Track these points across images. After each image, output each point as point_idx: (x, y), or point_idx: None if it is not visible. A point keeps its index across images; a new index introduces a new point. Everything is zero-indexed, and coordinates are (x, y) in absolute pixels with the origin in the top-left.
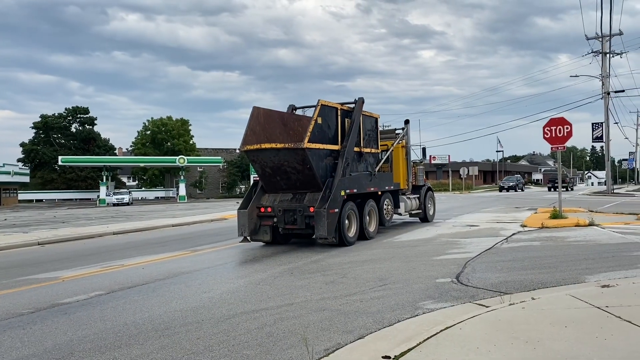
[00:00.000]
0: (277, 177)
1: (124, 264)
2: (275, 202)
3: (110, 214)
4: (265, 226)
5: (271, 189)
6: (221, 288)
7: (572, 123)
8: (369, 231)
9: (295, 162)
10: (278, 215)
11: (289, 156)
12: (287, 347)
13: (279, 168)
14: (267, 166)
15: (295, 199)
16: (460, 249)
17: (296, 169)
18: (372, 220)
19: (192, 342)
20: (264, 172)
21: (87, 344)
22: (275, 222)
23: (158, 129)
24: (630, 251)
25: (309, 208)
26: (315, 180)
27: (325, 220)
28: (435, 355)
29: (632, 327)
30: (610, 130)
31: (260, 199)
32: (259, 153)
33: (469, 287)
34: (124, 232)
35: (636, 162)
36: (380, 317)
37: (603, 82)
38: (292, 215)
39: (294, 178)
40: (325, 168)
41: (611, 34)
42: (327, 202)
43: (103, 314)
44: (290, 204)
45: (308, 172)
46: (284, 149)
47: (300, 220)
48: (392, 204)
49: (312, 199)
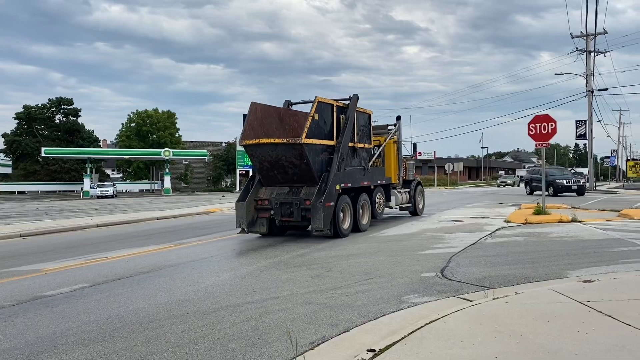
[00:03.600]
0: (275, 171)
1: (108, 256)
2: (272, 195)
3: (95, 207)
4: (262, 218)
5: (268, 183)
6: (206, 281)
7: (556, 120)
8: (362, 224)
9: (292, 157)
10: (275, 207)
11: (286, 151)
12: (272, 340)
13: (276, 162)
14: (265, 160)
15: (291, 192)
16: (445, 244)
17: (293, 163)
18: (365, 213)
19: (176, 335)
20: (262, 166)
21: (70, 336)
22: (272, 214)
23: (143, 121)
24: (611, 247)
25: (305, 201)
26: (311, 174)
27: (322, 213)
28: (419, 349)
29: (613, 321)
30: (593, 128)
31: (257, 192)
32: (258, 148)
33: (453, 282)
34: (108, 224)
35: (618, 160)
36: (366, 310)
37: (587, 80)
38: (289, 208)
39: (291, 172)
40: (321, 163)
41: (596, 32)
42: (323, 196)
43: (87, 306)
44: (287, 197)
45: (305, 166)
46: (282, 144)
47: (296, 213)
48: (384, 197)
49: (308, 192)
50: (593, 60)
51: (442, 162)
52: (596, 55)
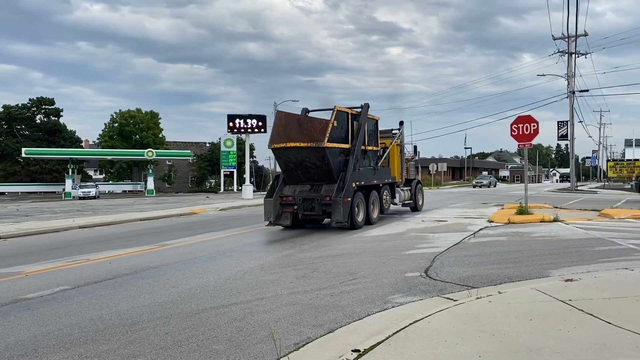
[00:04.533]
0: (299, 171)
1: (90, 258)
2: (296, 192)
3: (77, 208)
4: (287, 212)
5: (292, 181)
6: (190, 283)
7: (538, 121)
8: (373, 217)
9: (315, 159)
10: (298, 203)
11: (310, 153)
12: (256, 341)
13: (301, 163)
14: (291, 161)
15: (313, 189)
16: (429, 244)
17: (315, 164)
18: (375, 208)
19: (160, 337)
20: (287, 167)
21: (51, 339)
22: (295, 209)
23: (126, 122)
24: (592, 246)
25: (326, 197)
26: (331, 174)
27: (341, 208)
28: (404, 349)
29: (594, 319)
30: (574, 129)
31: (282, 189)
32: (284, 151)
33: (437, 281)
34: (90, 226)
35: (599, 160)
36: (350, 311)
37: (568, 81)
38: (311, 203)
39: (312, 172)
40: (339, 163)
41: (577, 34)
42: (343, 192)
43: (68, 309)
44: (308, 194)
45: (326, 167)
46: (306, 147)
47: (317, 208)
48: (390, 195)
49: (328, 189)
50: (574, 62)
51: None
52: (577, 57)
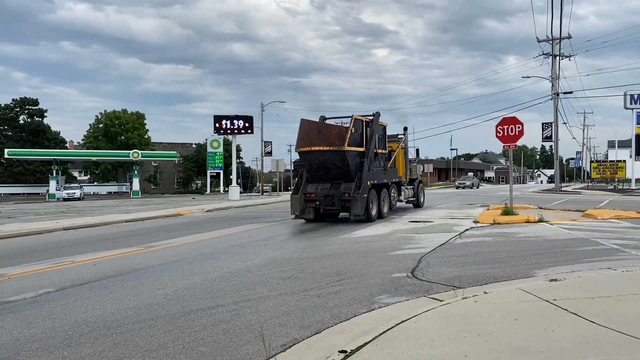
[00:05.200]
0: (321, 171)
1: (74, 260)
2: (318, 190)
3: (61, 209)
4: (310, 207)
5: (314, 180)
6: (176, 285)
7: (523, 123)
8: (384, 212)
9: (336, 160)
10: (320, 199)
11: (332, 156)
12: (243, 343)
13: (323, 164)
14: (314, 163)
15: (333, 187)
16: (415, 245)
17: (336, 165)
18: (385, 204)
19: (145, 339)
20: (311, 167)
21: (34, 343)
22: (317, 204)
23: (111, 122)
24: (576, 246)
25: (345, 194)
26: (349, 173)
27: (359, 203)
28: (390, 349)
29: (578, 319)
30: (559, 130)
31: (306, 187)
32: (310, 153)
33: (423, 282)
34: (74, 227)
35: (582, 161)
36: (337, 311)
37: (553, 83)
38: (331, 199)
39: (333, 172)
40: (355, 164)
41: (561, 37)
42: (360, 189)
43: (52, 311)
44: (329, 191)
45: (345, 167)
46: (328, 151)
47: (337, 203)
48: (397, 192)
49: (346, 187)
50: (558, 64)
51: None
52: (561, 59)
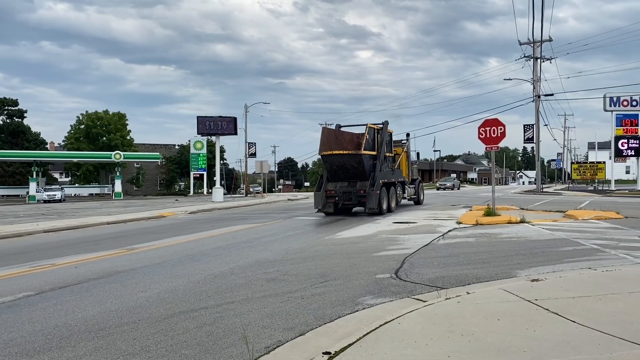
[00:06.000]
0: (340, 172)
1: (55, 263)
2: (337, 188)
3: (41, 211)
4: (330, 202)
5: (334, 179)
6: (159, 287)
7: (505, 124)
8: (392, 206)
9: (353, 162)
10: (339, 195)
11: (350, 158)
12: (227, 345)
13: (342, 166)
14: (335, 164)
15: (350, 185)
16: (399, 246)
17: (353, 166)
18: (393, 200)
19: (128, 342)
20: (332, 168)
21: (13, 347)
22: (336, 200)
23: (93, 123)
24: (557, 247)
25: (360, 191)
26: (364, 173)
27: (374, 198)
28: (374, 350)
29: (559, 318)
30: (540, 132)
31: (326, 185)
32: (331, 156)
33: (407, 283)
34: (55, 230)
35: (563, 163)
36: (322, 313)
37: (534, 85)
38: (349, 195)
39: (351, 172)
40: (369, 166)
41: (542, 40)
42: (374, 187)
43: (32, 315)
44: (347, 189)
45: (361, 168)
46: (347, 154)
47: (354, 198)
48: (402, 190)
49: (362, 185)
50: (540, 67)
51: None
52: (542, 62)
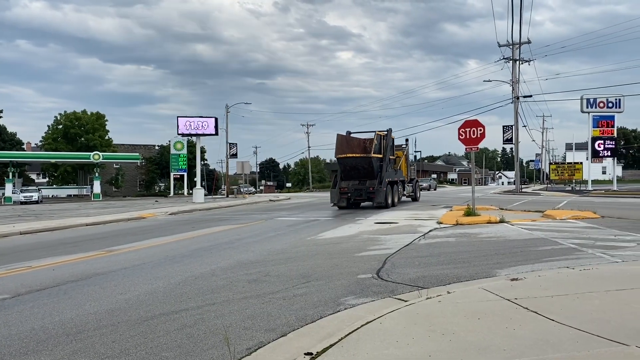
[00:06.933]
0: (352, 172)
1: (32, 265)
2: (349, 185)
3: (18, 213)
4: (343, 198)
5: (346, 178)
6: (139, 289)
7: (484, 125)
8: (395, 201)
9: (364, 164)
10: (351, 192)
11: (362, 160)
12: (208, 347)
13: (355, 166)
14: (348, 165)
15: (360, 183)
16: (381, 246)
17: (364, 167)
18: (396, 196)
19: (107, 345)
20: (345, 168)
21: None
22: (349, 195)
23: (71, 123)
24: (536, 246)
25: (370, 188)
26: (373, 173)
27: (381, 194)
28: (356, 350)
29: (538, 317)
30: (519, 133)
31: (340, 183)
32: (345, 159)
33: (388, 282)
34: (32, 231)
35: (542, 163)
36: (303, 314)
37: (513, 87)
38: (359, 192)
39: (362, 172)
40: (377, 167)
41: (521, 42)
42: (381, 185)
43: (7, 319)
44: (358, 186)
45: (370, 169)
46: (360, 157)
47: (364, 194)
48: (402, 188)
49: (371, 183)
50: (518, 68)
51: None
52: (521, 64)
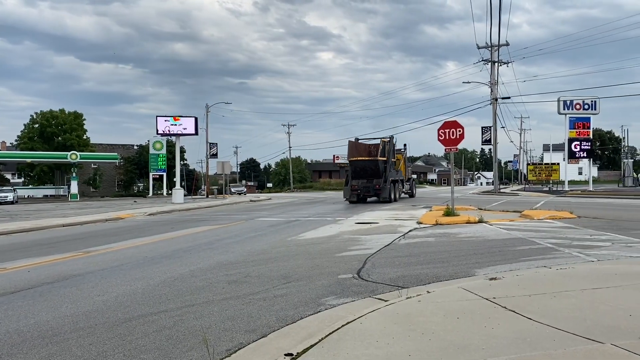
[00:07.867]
0: (361, 172)
1: (6, 267)
2: (359, 183)
3: None
4: (354, 194)
5: (356, 177)
6: (117, 291)
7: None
8: (397, 197)
9: (372, 165)
10: (360, 189)
11: (370, 162)
12: (187, 349)
13: (363, 168)
14: (358, 167)
15: (368, 181)
16: (361, 246)
17: (372, 168)
18: (397, 193)
19: (84, 348)
20: (355, 169)
21: None
22: (359, 192)
23: (48, 122)
24: (514, 246)
25: (376, 185)
26: (379, 173)
27: (387, 190)
28: (336, 350)
29: (516, 315)
30: (497, 134)
31: (351, 182)
32: (356, 161)
33: (369, 282)
34: (6, 232)
35: (520, 164)
36: (284, 314)
37: (492, 88)
38: (367, 189)
39: (369, 172)
40: (382, 168)
41: (499, 44)
42: (386, 183)
43: None
44: (366, 184)
45: (377, 169)
46: (368, 160)
47: (371, 191)
48: (402, 186)
49: (377, 181)
50: (497, 70)
51: None
52: (500, 66)
